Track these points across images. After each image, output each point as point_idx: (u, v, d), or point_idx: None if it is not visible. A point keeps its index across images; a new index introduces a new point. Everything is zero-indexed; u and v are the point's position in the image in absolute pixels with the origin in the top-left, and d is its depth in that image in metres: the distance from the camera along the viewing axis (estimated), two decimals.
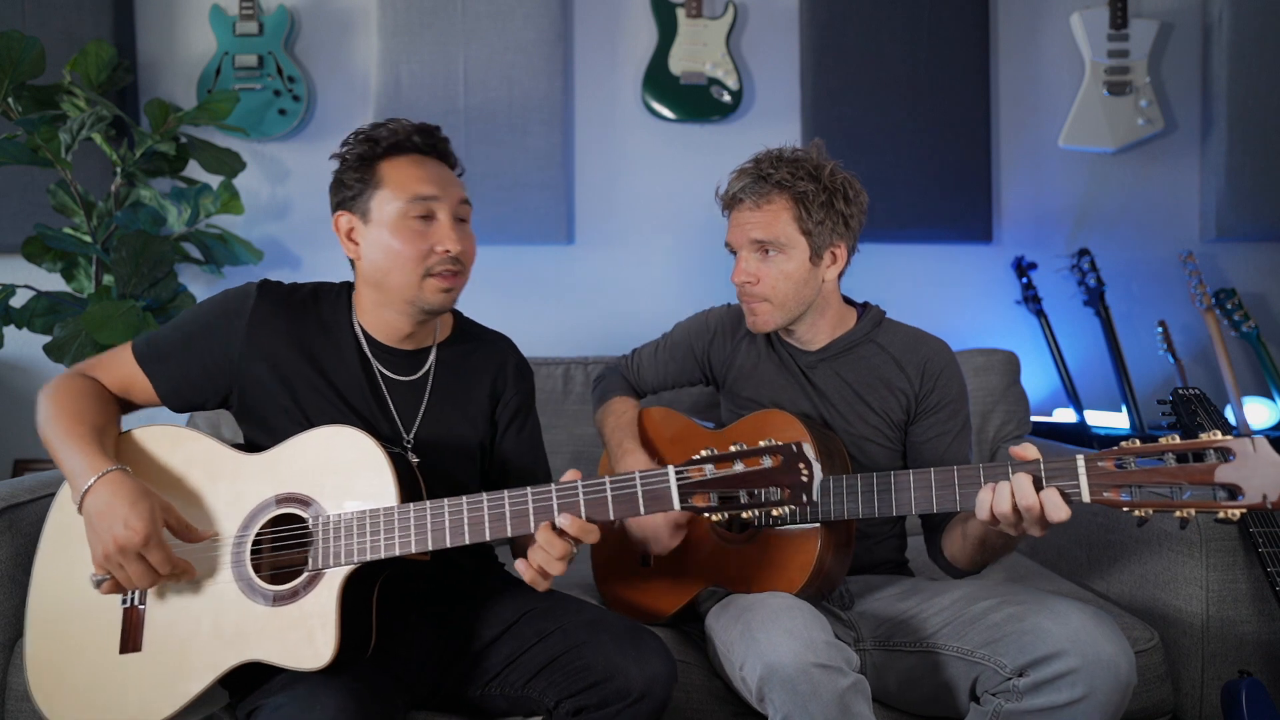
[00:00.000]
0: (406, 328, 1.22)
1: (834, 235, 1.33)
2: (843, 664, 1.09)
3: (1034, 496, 1.01)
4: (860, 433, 1.38)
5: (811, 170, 1.31)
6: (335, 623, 1.01)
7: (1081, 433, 2.33)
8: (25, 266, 2.15)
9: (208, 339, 1.18)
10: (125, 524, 0.99)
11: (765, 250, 1.32)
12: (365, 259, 1.18)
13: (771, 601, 1.16)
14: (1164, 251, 2.50)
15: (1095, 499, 1.00)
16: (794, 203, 1.30)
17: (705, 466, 1.01)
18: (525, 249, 2.44)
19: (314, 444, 1.10)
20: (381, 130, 1.17)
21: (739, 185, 1.35)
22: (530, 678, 1.15)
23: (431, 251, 1.15)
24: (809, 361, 1.41)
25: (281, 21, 2.37)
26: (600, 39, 2.47)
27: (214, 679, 1.04)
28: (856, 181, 1.35)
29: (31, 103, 2.03)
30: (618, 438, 1.47)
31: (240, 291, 1.21)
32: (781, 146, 1.36)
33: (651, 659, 1.10)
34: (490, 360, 1.32)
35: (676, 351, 1.56)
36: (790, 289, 1.32)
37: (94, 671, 1.07)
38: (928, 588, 1.34)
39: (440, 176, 1.18)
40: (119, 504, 1.01)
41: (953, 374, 1.38)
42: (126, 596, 1.09)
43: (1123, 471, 0.99)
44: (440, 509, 1.04)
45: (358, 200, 1.17)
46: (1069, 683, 1.06)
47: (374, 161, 1.16)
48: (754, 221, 1.32)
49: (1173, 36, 2.50)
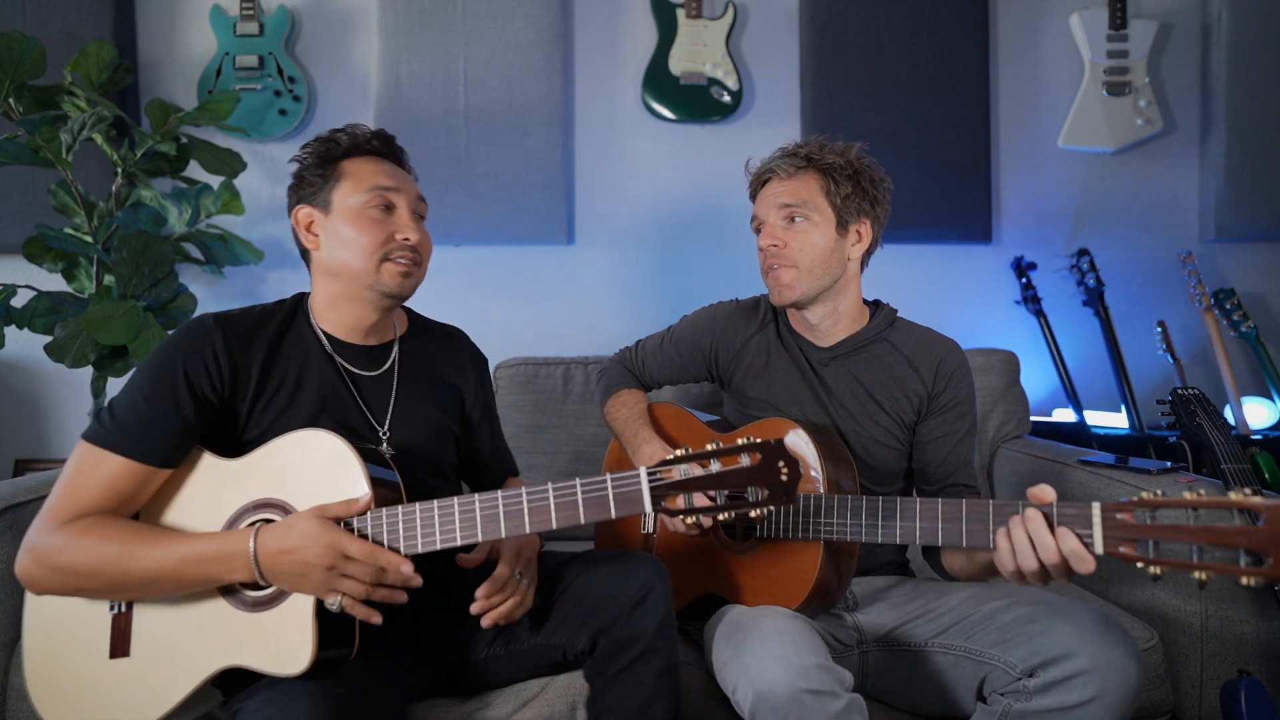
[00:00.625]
0: (369, 317, 1.24)
1: (860, 212, 1.36)
2: (835, 686, 1.07)
3: (1053, 546, 0.98)
4: (870, 434, 1.37)
5: (839, 150, 1.37)
6: (312, 629, 1.01)
7: (1081, 433, 2.33)
8: (26, 266, 2.15)
9: (187, 385, 1.09)
10: (314, 545, 0.98)
11: (792, 217, 1.35)
12: (325, 249, 1.20)
13: (764, 622, 1.15)
14: (1163, 251, 2.50)
15: (1109, 552, 0.96)
16: (821, 174, 1.36)
17: (679, 467, 0.99)
18: (525, 249, 2.45)
19: (288, 449, 1.09)
20: (341, 134, 1.23)
21: (769, 163, 1.40)
22: (537, 626, 1.19)
23: (391, 239, 1.19)
24: (821, 359, 1.41)
25: (282, 22, 2.37)
26: (600, 39, 2.47)
27: (198, 684, 1.04)
28: (881, 168, 1.40)
29: (32, 103, 2.03)
30: (633, 428, 1.47)
31: (196, 326, 1.13)
32: (808, 139, 1.42)
33: (640, 566, 1.16)
34: (449, 350, 1.37)
35: (682, 347, 1.55)
36: (817, 257, 1.34)
37: (86, 675, 1.07)
38: (932, 589, 1.34)
39: (398, 174, 1.24)
40: (290, 540, 0.99)
41: (964, 375, 1.39)
42: (113, 604, 1.08)
43: (1141, 525, 0.94)
44: (412, 514, 1.04)
45: (319, 194, 1.21)
46: (1080, 684, 1.06)
47: (335, 160, 1.21)
48: (783, 189, 1.36)
49: (1172, 37, 2.50)
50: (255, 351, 1.16)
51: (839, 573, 1.25)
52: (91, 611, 1.08)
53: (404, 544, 1.04)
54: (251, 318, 1.20)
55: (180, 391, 1.08)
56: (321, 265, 1.22)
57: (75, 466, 1.06)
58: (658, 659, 1.12)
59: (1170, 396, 1.55)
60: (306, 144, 1.24)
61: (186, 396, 1.08)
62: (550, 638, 1.20)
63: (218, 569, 1.02)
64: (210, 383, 1.11)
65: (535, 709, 1.21)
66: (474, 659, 1.23)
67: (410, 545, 1.04)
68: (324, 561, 0.98)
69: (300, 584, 1.00)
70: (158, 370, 1.09)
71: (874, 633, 1.30)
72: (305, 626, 1.01)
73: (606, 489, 1.02)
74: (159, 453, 1.07)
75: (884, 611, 1.33)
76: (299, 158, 1.24)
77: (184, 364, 1.09)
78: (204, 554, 1.02)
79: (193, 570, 1.02)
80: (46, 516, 1.05)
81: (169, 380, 1.08)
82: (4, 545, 1.34)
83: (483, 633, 1.21)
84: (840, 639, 1.29)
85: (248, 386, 1.14)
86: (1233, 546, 0.87)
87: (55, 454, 2.36)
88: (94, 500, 1.05)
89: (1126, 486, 1.53)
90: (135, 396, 1.08)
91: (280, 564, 1.00)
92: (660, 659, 1.13)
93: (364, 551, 1.00)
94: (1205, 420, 1.48)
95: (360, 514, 1.04)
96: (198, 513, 1.10)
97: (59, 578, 1.03)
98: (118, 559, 1.01)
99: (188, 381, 1.09)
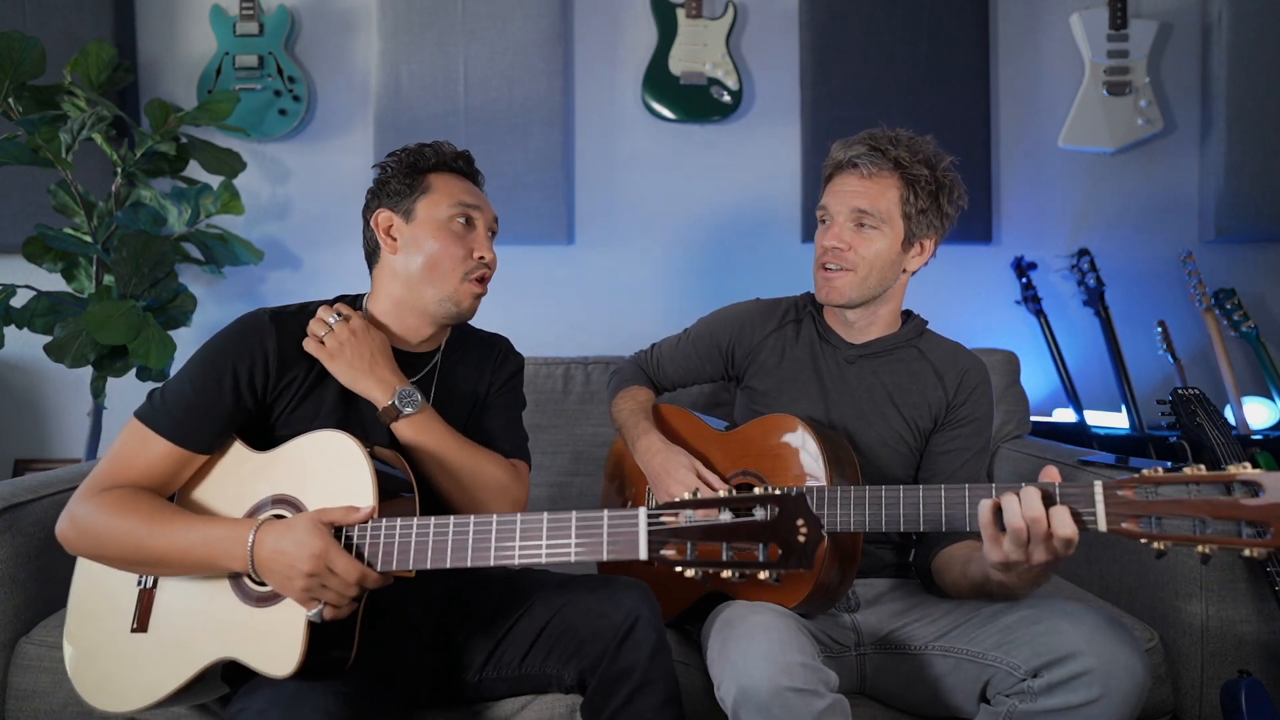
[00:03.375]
0: (426, 329, 1.25)
1: (930, 228, 1.33)
2: (819, 686, 1.06)
3: (1040, 510, 0.97)
4: (879, 436, 1.36)
5: (928, 158, 1.30)
6: (303, 633, 1.00)
7: (1081, 432, 2.33)
8: (26, 266, 2.15)
9: (234, 380, 1.12)
10: (304, 550, 0.98)
11: (862, 222, 1.31)
12: (403, 255, 1.21)
13: (752, 619, 1.14)
14: (1163, 251, 2.50)
15: (1112, 529, 0.94)
16: (904, 184, 1.30)
17: (684, 512, 0.92)
18: (525, 249, 2.44)
19: (308, 447, 1.10)
20: (428, 148, 1.25)
21: (853, 152, 1.32)
22: (524, 655, 1.19)
23: (470, 255, 1.22)
24: (850, 355, 1.39)
25: (282, 22, 2.37)
26: (600, 39, 2.47)
27: (196, 671, 1.05)
28: (963, 185, 1.34)
29: (32, 103, 2.03)
30: (634, 420, 1.47)
31: (253, 323, 1.16)
32: (898, 129, 1.34)
33: (624, 594, 1.15)
34: (487, 355, 1.37)
35: (700, 344, 1.54)
36: (877, 266, 1.32)
37: (109, 643, 1.11)
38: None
39: (478, 194, 1.28)
40: (285, 541, 1.00)
41: (985, 393, 1.37)
42: (141, 578, 1.12)
43: (1143, 501, 0.93)
44: (408, 531, 1.03)
45: (402, 200, 1.22)
46: (1085, 683, 1.06)
47: (422, 171, 1.24)
48: (860, 190, 1.31)
49: (1172, 37, 2.50)
50: (305, 354, 1.17)
51: (841, 571, 1.25)
52: (125, 583, 1.13)
53: (396, 561, 1.02)
54: (306, 316, 1.20)
55: (226, 386, 1.12)
56: (394, 270, 1.23)
57: (123, 441, 1.12)
58: (655, 691, 1.10)
59: (1170, 396, 1.55)
60: (392, 153, 1.26)
61: (231, 391, 1.12)
62: (541, 667, 1.19)
63: (220, 557, 1.03)
64: (258, 381, 1.14)
65: (535, 710, 1.21)
66: (468, 680, 1.22)
67: (402, 563, 1.02)
68: (308, 568, 0.98)
69: (285, 586, 1.00)
70: (209, 361, 1.13)
71: (872, 635, 1.30)
72: (297, 629, 1.01)
73: (602, 527, 0.98)
74: (200, 440, 1.11)
75: (883, 614, 1.32)
76: (384, 164, 1.26)
77: (234, 360, 1.13)
78: (211, 539, 1.03)
79: (199, 553, 1.04)
80: (88, 483, 1.10)
81: (218, 373, 1.12)
82: (4, 545, 1.34)
83: (476, 653, 1.21)
84: (837, 640, 1.29)
85: (292, 385, 1.16)
86: (1234, 520, 0.87)
87: (55, 454, 2.36)
88: (133, 475, 1.10)
89: None
90: (185, 384, 1.12)
91: (272, 562, 1.00)
92: (658, 690, 1.10)
93: (347, 569, 0.99)
94: (1205, 420, 1.48)
95: (360, 523, 1.03)
96: (225, 499, 1.12)
97: (85, 542, 1.08)
98: (136, 534, 1.05)
99: (234, 377, 1.12)
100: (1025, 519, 0.98)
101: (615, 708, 1.10)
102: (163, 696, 1.07)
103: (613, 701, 1.10)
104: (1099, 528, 0.96)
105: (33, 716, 1.31)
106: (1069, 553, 0.98)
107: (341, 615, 1.01)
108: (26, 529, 1.37)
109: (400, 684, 1.16)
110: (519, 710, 1.22)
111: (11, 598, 1.33)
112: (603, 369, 2.08)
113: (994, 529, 1.02)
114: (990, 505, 1.02)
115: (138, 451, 1.10)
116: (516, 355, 1.40)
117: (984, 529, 1.03)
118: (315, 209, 2.44)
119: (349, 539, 1.03)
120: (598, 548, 0.98)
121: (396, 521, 1.03)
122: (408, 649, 1.19)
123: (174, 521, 1.05)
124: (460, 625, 1.24)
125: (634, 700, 1.09)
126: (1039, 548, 0.98)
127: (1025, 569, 1.03)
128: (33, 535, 1.38)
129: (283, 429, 1.16)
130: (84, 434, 2.17)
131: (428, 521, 1.03)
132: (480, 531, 1.02)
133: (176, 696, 1.08)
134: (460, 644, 1.22)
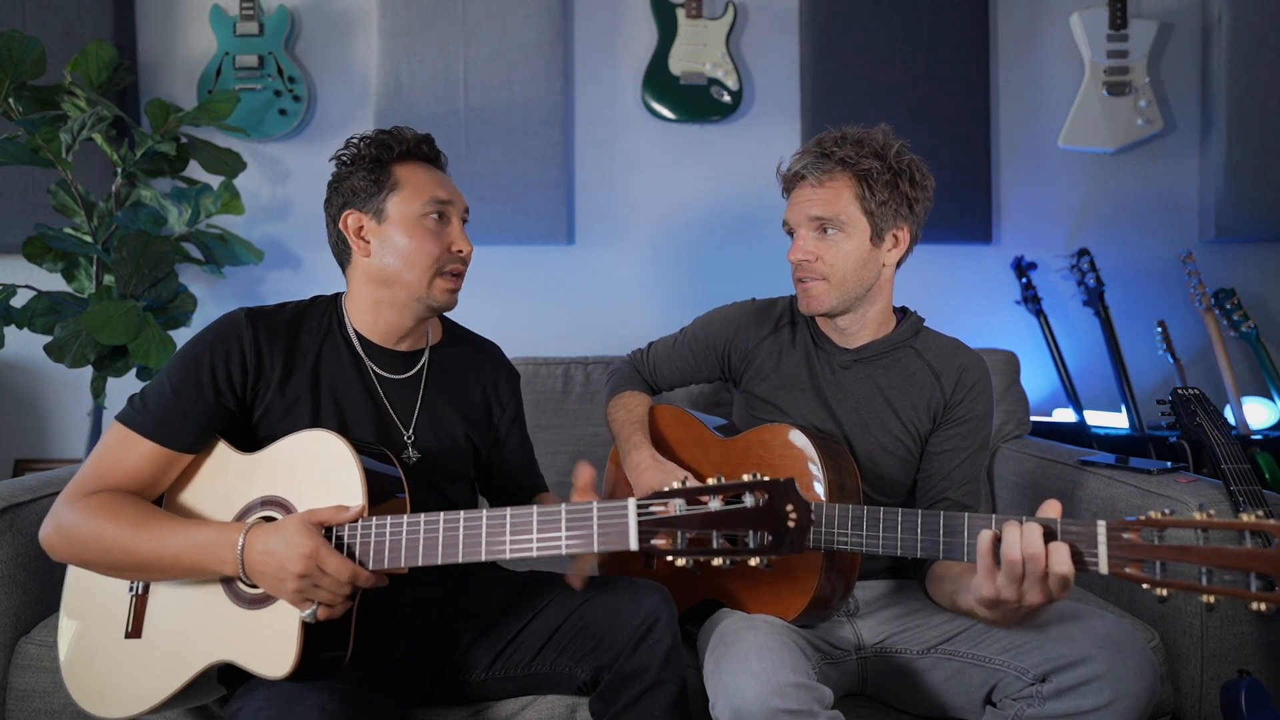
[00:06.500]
0: (406, 325, 1.24)
1: (897, 217, 1.29)
2: (813, 705, 1.04)
3: (1040, 547, 0.93)
4: (880, 443, 1.34)
5: (877, 149, 1.27)
6: (297, 634, 1.00)
7: (1081, 433, 2.33)
8: (26, 266, 2.15)
9: (212, 377, 1.12)
10: (294, 551, 0.98)
11: (824, 229, 1.28)
12: (376, 256, 1.20)
13: (745, 636, 1.13)
14: (1163, 251, 2.50)
15: (1114, 572, 0.90)
16: (857, 181, 1.27)
17: (674, 501, 0.92)
18: (525, 249, 2.45)
19: (297, 447, 1.10)
20: (388, 137, 1.20)
21: (801, 164, 1.31)
22: (534, 655, 1.19)
23: (446, 251, 1.20)
24: (844, 360, 1.37)
25: (282, 22, 2.37)
26: (600, 39, 2.47)
27: (192, 675, 1.05)
28: (924, 165, 1.31)
29: (32, 103, 2.03)
30: (627, 431, 1.45)
31: (230, 321, 1.16)
32: (845, 128, 1.32)
33: (645, 595, 1.15)
34: (482, 362, 1.36)
35: (695, 346, 1.52)
36: (850, 269, 1.29)
37: (104, 650, 1.11)
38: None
39: (448, 183, 1.24)
40: (274, 543, 0.99)
41: (984, 391, 1.34)
42: (133, 585, 1.11)
43: (1148, 545, 0.89)
44: (399, 529, 1.03)
45: (370, 200, 1.19)
46: (1095, 689, 1.05)
47: (387, 165, 1.20)
48: (815, 198, 1.29)
49: (1172, 37, 2.50)
50: (282, 348, 1.17)
51: (841, 581, 1.24)
52: (117, 590, 1.12)
53: (388, 559, 1.02)
54: (284, 314, 1.21)
55: (205, 383, 1.11)
56: (368, 271, 1.21)
57: (105, 445, 1.10)
58: (666, 692, 1.10)
59: (1170, 396, 1.55)
60: (349, 142, 1.22)
61: (210, 388, 1.11)
62: (553, 666, 1.19)
63: (210, 561, 1.02)
64: (235, 378, 1.13)
65: (536, 710, 1.21)
66: (472, 679, 1.22)
67: (394, 561, 1.02)
68: (299, 569, 0.97)
69: (277, 588, 1.00)
70: (187, 360, 1.13)
71: (873, 639, 1.29)
72: (292, 631, 1.01)
73: (591, 518, 0.98)
74: (183, 439, 1.10)
75: (884, 618, 1.32)
76: (340, 159, 1.22)
77: (211, 356, 1.12)
78: (200, 543, 1.02)
79: (189, 558, 1.03)
80: (71, 488, 1.08)
81: (196, 371, 1.12)
82: (4, 545, 1.34)
83: (481, 654, 1.21)
84: (837, 645, 1.28)
85: (270, 382, 1.16)
86: (1243, 570, 0.83)
87: (55, 454, 2.36)
88: (117, 479, 1.08)
89: (1127, 486, 1.53)
90: (164, 384, 1.11)
91: (262, 564, 0.99)
92: (669, 692, 1.11)
93: (339, 568, 0.98)
94: (1205, 420, 1.48)
95: (350, 522, 1.03)
96: (213, 502, 1.11)
97: (71, 548, 1.06)
98: (123, 539, 1.03)
99: (212, 374, 1.12)
100: (1024, 554, 0.94)
101: (625, 704, 1.11)
102: (159, 701, 1.06)
103: (623, 698, 1.11)
104: (1100, 570, 0.92)
105: (33, 716, 1.31)
106: (1063, 595, 0.96)
107: (335, 615, 1.01)
108: (26, 529, 1.37)
109: (396, 681, 1.15)
110: (519, 710, 1.22)
111: (11, 598, 1.33)
112: (603, 369, 2.08)
113: (990, 560, 0.99)
114: (990, 536, 0.99)
115: (121, 454, 1.09)
116: (513, 371, 1.40)
117: (980, 559, 1.00)
118: (315, 209, 2.41)
119: (339, 538, 1.02)
120: (588, 539, 0.98)
121: (387, 519, 1.03)
122: (404, 647, 1.19)
123: (162, 526, 1.04)
124: (466, 627, 1.23)
125: (644, 699, 1.10)
126: (1034, 588, 0.95)
127: (1014, 609, 0.99)
128: (33, 535, 1.38)
129: (265, 430, 1.16)
130: (84, 434, 2.17)
131: (418, 519, 1.03)
132: (470, 527, 1.02)
133: (173, 701, 1.07)
134: (465, 645, 1.22)
